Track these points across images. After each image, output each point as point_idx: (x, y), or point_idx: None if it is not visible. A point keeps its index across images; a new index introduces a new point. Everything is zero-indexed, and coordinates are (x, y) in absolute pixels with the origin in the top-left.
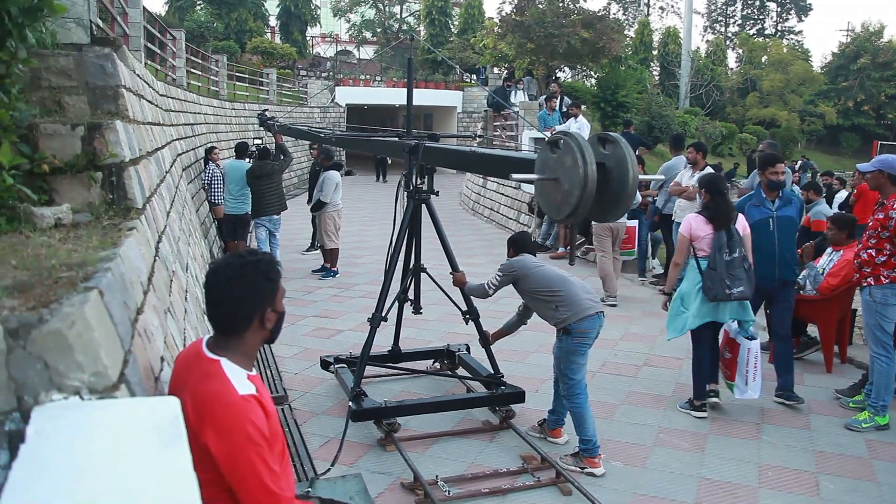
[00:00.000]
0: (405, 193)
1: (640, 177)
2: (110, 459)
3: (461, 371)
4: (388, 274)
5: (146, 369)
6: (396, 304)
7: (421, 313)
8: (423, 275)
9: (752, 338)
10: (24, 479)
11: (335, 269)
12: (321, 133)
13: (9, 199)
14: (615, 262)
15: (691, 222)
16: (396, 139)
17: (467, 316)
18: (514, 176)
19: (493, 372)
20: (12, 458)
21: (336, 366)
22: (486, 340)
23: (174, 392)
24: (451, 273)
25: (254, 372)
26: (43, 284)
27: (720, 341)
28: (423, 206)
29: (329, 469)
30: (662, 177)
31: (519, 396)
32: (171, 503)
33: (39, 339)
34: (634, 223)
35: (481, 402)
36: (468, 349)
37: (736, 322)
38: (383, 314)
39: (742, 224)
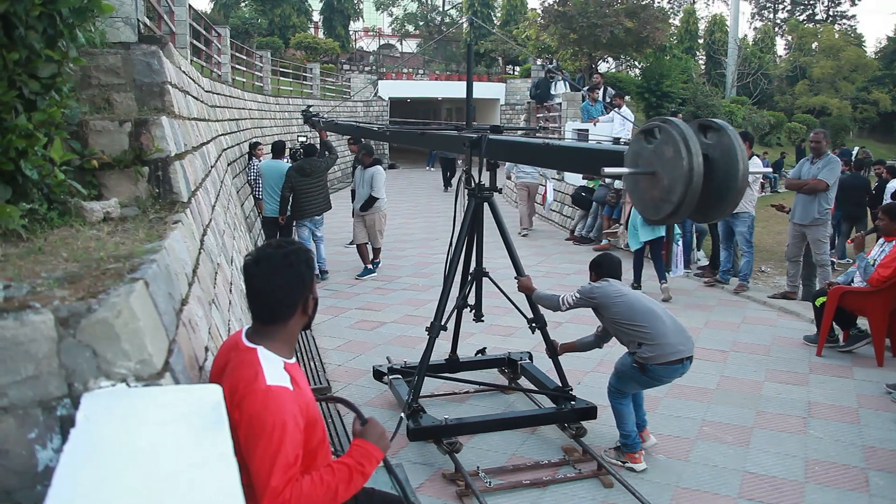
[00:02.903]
0: (465, 191)
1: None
2: (155, 444)
3: (523, 380)
4: (449, 278)
5: (190, 358)
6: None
7: (483, 321)
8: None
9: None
10: (75, 462)
11: (378, 260)
12: (373, 127)
13: (60, 194)
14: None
15: None
16: (455, 132)
17: (533, 325)
18: (606, 170)
19: (560, 385)
20: (64, 442)
21: (390, 377)
22: (553, 351)
23: (214, 381)
24: (515, 278)
25: (293, 360)
26: (91, 276)
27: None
28: (486, 204)
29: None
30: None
31: (590, 412)
32: (213, 486)
33: (88, 327)
34: (544, 183)
35: (550, 419)
36: (531, 357)
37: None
38: (443, 322)
39: None
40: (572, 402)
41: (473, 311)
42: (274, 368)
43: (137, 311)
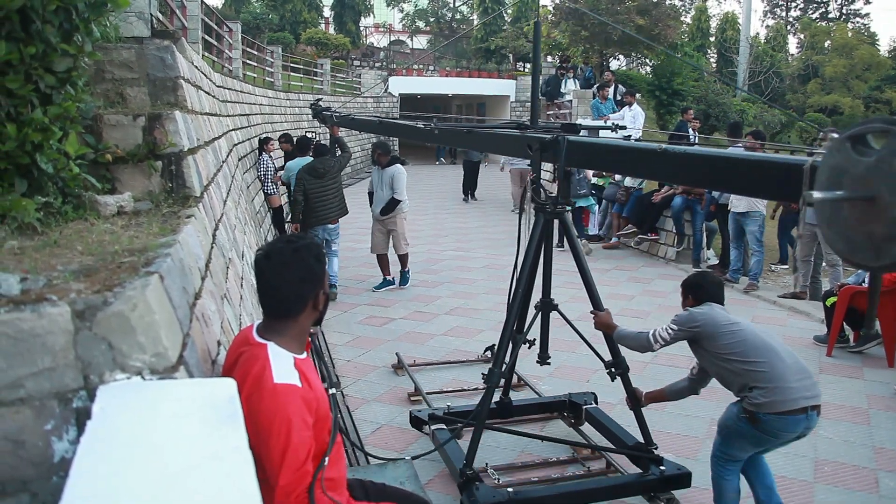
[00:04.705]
0: (533, 205)
1: None
2: (170, 436)
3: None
4: (513, 311)
5: (204, 352)
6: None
7: (549, 363)
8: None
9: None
10: (91, 454)
11: (406, 269)
12: (417, 125)
13: (75, 188)
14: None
15: None
16: (516, 132)
17: (612, 370)
18: (815, 195)
19: (643, 441)
20: (80, 434)
21: (433, 427)
22: (636, 401)
23: (226, 375)
24: (591, 312)
25: (304, 355)
26: (107, 269)
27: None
28: (557, 221)
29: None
30: None
31: (683, 479)
32: (228, 479)
33: (104, 320)
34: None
35: (634, 488)
36: (595, 400)
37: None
38: (503, 367)
39: None
40: (661, 467)
41: (530, 344)
42: (283, 365)
43: (153, 304)
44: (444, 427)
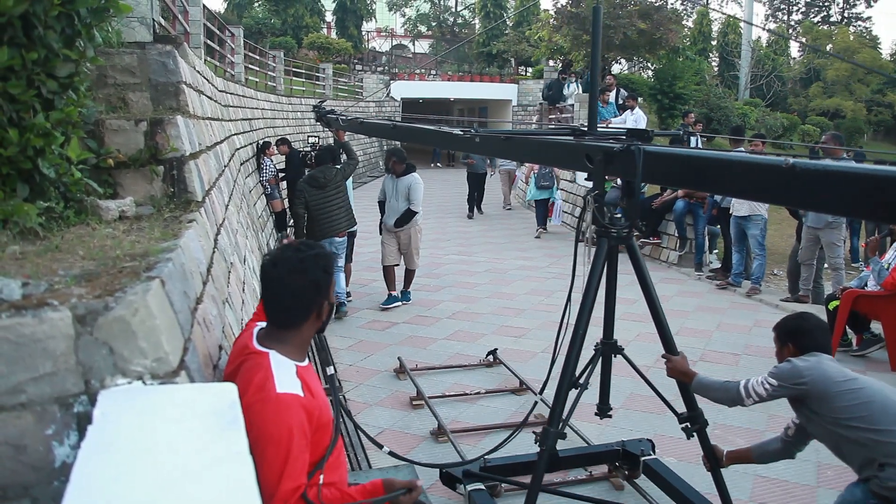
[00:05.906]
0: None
1: None
2: (172, 441)
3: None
4: (571, 357)
5: (205, 357)
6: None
7: (610, 416)
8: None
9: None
10: (92, 459)
11: (408, 290)
12: (454, 132)
13: (77, 193)
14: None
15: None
16: (570, 139)
17: (688, 424)
18: None
19: None
20: (81, 439)
21: (468, 488)
22: (716, 461)
23: (226, 380)
24: (663, 356)
25: (306, 363)
26: (108, 274)
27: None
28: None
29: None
30: None
31: None
32: (229, 484)
33: (105, 325)
34: (515, 168)
35: None
36: (653, 447)
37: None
38: (561, 426)
39: None
40: None
41: (581, 384)
42: (285, 374)
43: (154, 309)
44: (483, 487)
